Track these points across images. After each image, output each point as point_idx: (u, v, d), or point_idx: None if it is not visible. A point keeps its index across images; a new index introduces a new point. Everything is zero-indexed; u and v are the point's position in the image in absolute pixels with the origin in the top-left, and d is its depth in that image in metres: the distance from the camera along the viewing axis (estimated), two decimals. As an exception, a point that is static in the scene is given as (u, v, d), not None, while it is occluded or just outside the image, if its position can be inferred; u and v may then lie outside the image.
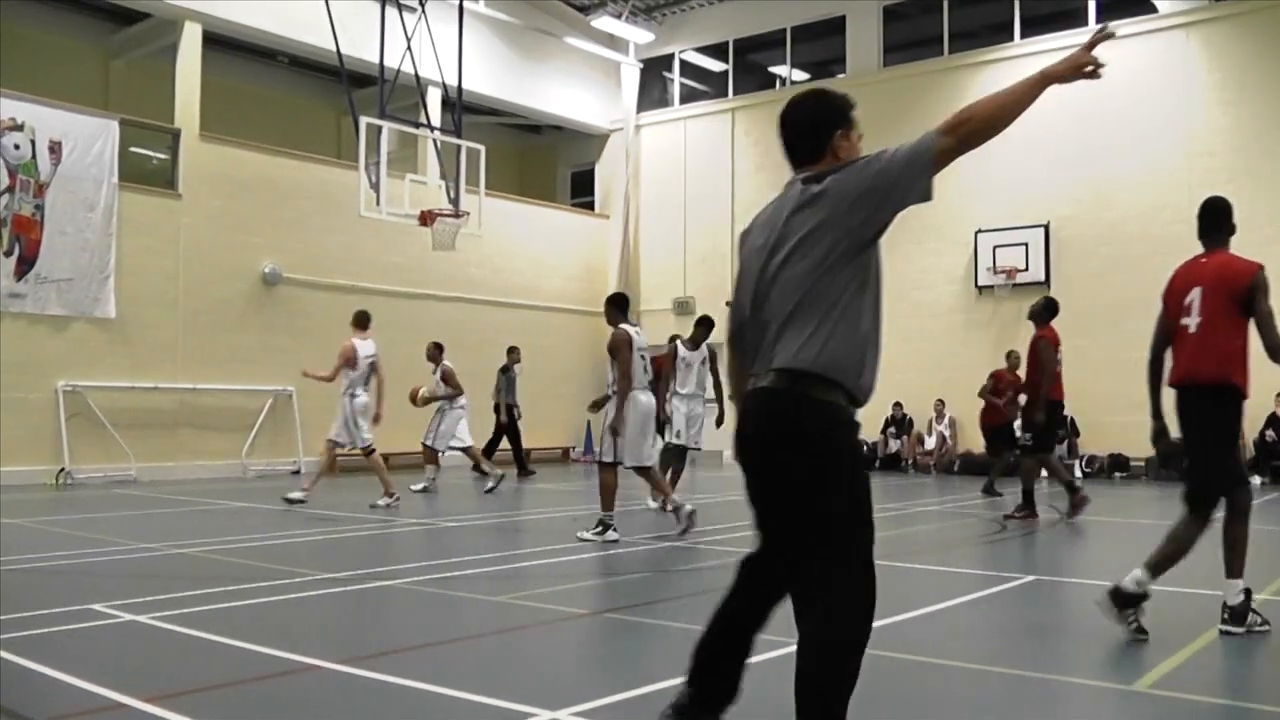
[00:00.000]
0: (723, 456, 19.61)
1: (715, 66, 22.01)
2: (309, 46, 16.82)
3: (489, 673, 4.41)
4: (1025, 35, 18.04)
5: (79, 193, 14.43)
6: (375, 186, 14.26)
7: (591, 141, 22.91)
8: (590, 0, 21.06)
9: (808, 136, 3.07)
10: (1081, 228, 17.15)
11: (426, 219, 14.85)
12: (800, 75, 20.98)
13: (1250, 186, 14.91)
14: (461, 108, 15.77)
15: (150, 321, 15.23)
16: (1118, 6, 17.02)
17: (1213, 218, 5.31)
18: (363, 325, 11.64)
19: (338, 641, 5.08)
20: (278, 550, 8.10)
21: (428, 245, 15.75)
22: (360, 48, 15.54)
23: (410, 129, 16.25)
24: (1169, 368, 5.28)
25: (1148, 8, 17.00)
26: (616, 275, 21.58)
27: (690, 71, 22.35)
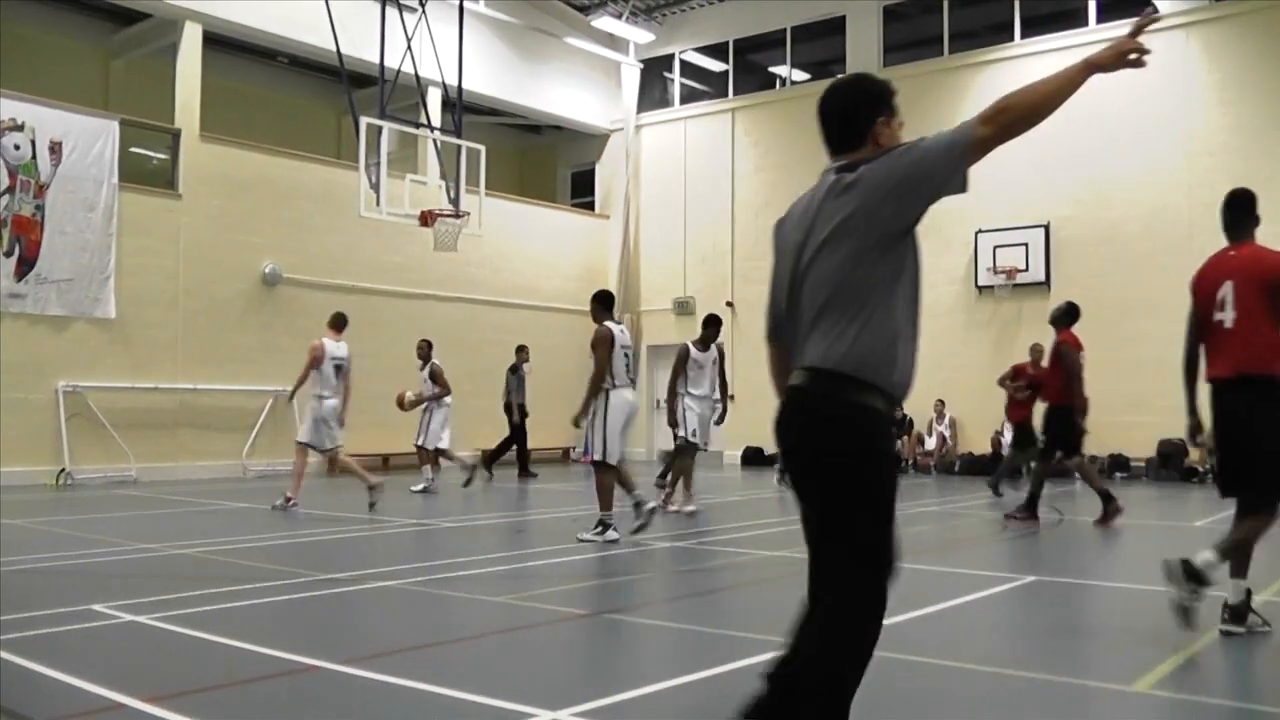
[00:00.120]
0: (723, 457, 19.64)
1: (715, 66, 22.00)
2: (309, 46, 16.82)
3: (489, 673, 4.41)
4: (1025, 35, 18.04)
5: (79, 193, 14.43)
6: (375, 186, 14.27)
7: (592, 141, 22.90)
8: (590, 0, 21.06)
9: (847, 124, 2.93)
10: (1081, 228, 17.15)
11: (427, 219, 14.86)
12: (800, 75, 20.94)
13: (1250, 186, 14.84)
14: (461, 108, 15.78)
15: (150, 321, 15.23)
16: (1118, 6, 17.01)
17: (1239, 210, 5.30)
18: (338, 327, 11.46)
19: (338, 641, 5.07)
20: (278, 551, 8.10)
21: (428, 245, 15.76)
22: (360, 48, 15.55)
23: (410, 129, 16.25)
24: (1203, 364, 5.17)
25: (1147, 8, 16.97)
26: (617, 275, 21.53)
27: (690, 71, 22.34)
